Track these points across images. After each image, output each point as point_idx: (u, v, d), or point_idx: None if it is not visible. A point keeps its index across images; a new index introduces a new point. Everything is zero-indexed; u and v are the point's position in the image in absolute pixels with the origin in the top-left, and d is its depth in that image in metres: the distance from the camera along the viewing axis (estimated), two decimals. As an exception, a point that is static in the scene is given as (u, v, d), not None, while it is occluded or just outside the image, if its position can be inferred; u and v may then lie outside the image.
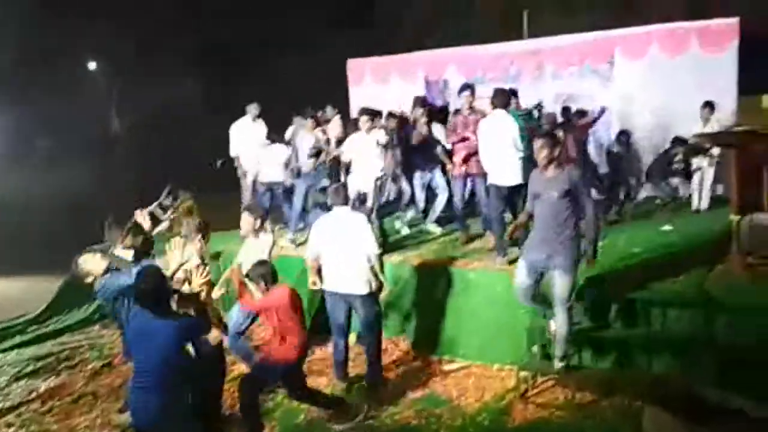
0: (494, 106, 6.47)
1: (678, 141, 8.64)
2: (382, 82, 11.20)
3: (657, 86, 9.23)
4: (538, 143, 5.03)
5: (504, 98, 6.49)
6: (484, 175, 6.89)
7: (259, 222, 5.98)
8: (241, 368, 5.94)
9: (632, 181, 9.14)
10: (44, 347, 7.38)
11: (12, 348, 7.45)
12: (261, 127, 9.09)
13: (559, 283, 5.06)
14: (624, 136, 8.94)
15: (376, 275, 5.62)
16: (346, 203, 5.75)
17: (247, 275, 5.10)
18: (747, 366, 4.84)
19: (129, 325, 4.14)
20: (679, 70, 9.10)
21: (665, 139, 8.97)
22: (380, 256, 5.65)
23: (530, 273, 5.21)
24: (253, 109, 9.17)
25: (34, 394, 6.19)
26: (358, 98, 10.94)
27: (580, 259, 5.15)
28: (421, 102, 8.45)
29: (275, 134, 8.59)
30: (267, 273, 5.04)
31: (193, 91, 16.60)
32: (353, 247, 5.54)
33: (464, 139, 7.08)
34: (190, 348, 4.29)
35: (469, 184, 7.48)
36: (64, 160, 14.96)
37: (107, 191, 13.36)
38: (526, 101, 8.38)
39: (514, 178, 6.38)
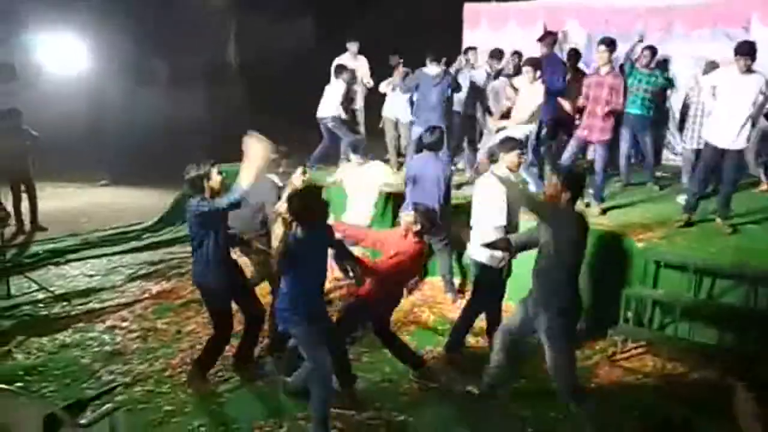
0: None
1: None
2: (498, 29, 10.93)
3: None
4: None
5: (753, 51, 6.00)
6: (606, 143, 6.81)
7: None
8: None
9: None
10: (157, 254, 7.93)
11: (128, 252, 8.06)
12: (363, 64, 9.18)
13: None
14: None
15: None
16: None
17: None
18: None
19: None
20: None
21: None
22: None
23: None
24: (353, 46, 9.28)
25: (146, 295, 6.71)
26: (472, 43, 10.73)
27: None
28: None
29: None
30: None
31: (307, 31, 16.82)
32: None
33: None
34: None
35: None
36: (180, 84, 15.60)
37: (220, 116, 13.92)
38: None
39: (734, 142, 6.16)
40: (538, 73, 7.24)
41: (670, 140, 9.66)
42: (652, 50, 7.94)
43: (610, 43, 6.83)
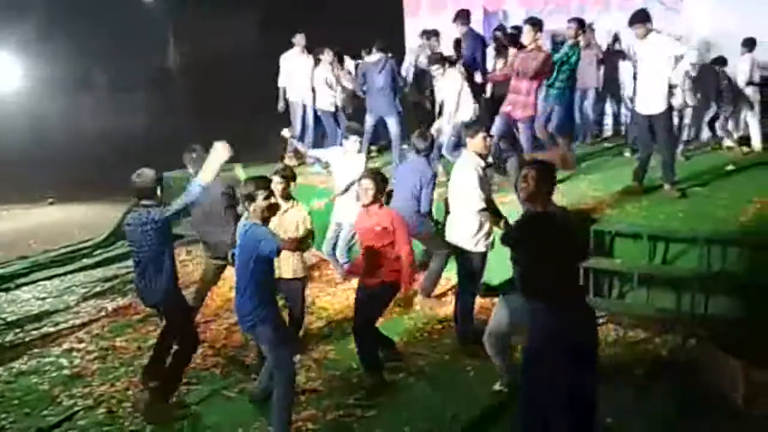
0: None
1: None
2: (438, 13, 10.93)
3: (727, 21, 8.77)
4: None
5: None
6: (530, 119, 6.88)
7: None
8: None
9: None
10: (110, 270, 7.75)
11: (80, 270, 7.83)
12: (309, 59, 9.04)
13: None
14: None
15: None
16: None
17: None
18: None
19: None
20: (751, 4, 8.62)
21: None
22: None
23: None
24: (299, 39, 9.10)
25: (102, 313, 6.52)
26: (413, 30, 10.72)
27: None
28: None
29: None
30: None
31: (249, 30, 16.57)
32: None
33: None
34: None
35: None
36: (120, 91, 15.24)
37: (165, 121, 13.63)
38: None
39: (652, 107, 6.33)
40: (447, 65, 7.49)
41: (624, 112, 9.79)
42: (579, 22, 8.01)
43: (536, 23, 6.90)
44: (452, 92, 7.35)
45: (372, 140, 8.72)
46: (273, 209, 4.25)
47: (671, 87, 6.37)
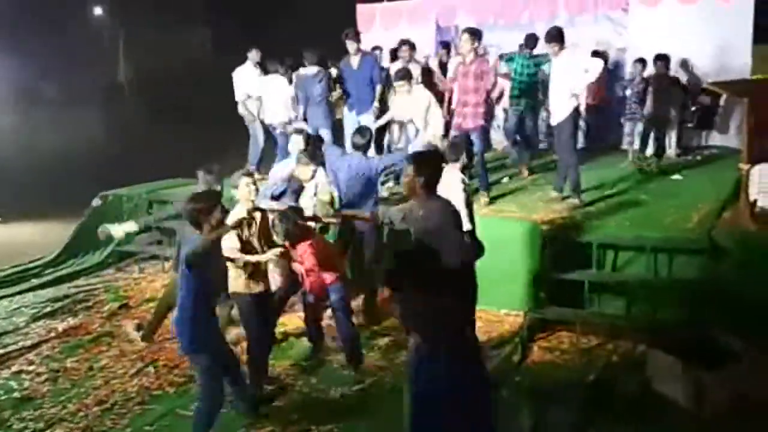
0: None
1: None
2: (392, 28, 11.05)
3: (671, 34, 9.10)
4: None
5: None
6: (483, 130, 7.08)
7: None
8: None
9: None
10: (61, 289, 7.53)
11: (29, 290, 7.58)
12: (261, 75, 9.01)
13: None
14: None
15: None
16: None
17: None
18: (753, 312, 4.92)
19: None
20: (693, 18, 8.99)
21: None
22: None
23: None
24: (253, 55, 9.09)
25: (52, 334, 6.34)
26: (367, 45, 10.80)
27: None
28: None
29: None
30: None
31: (202, 38, 16.48)
32: None
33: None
34: None
35: None
36: (70, 106, 14.93)
37: (116, 137, 13.42)
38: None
39: (557, 117, 6.72)
40: (413, 81, 7.35)
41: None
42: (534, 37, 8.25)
43: (474, 32, 6.99)
44: (420, 109, 7.25)
45: None
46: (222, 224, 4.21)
47: (574, 96, 6.62)
